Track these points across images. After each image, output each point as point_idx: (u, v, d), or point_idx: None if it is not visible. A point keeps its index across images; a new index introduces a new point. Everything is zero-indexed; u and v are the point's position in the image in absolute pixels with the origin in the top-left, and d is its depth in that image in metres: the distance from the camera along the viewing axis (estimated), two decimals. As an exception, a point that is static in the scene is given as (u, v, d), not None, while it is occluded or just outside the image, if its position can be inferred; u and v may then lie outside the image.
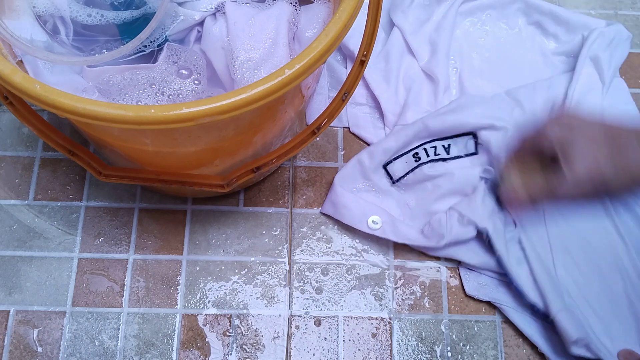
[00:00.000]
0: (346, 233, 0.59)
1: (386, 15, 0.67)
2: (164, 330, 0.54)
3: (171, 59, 0.48)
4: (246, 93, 0.36)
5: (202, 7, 0.49)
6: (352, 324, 0.55)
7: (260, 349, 0.54)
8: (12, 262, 0.56)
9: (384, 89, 0.63)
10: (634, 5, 0.72)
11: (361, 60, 0.45)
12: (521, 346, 0.55)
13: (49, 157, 0.61)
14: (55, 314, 0.55)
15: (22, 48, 0.43)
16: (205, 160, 0.47)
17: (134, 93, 0.46)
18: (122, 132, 0.41)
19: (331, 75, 0.65)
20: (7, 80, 0.36)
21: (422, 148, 0.58)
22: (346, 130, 0.64)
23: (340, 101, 0.46)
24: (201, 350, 0.54)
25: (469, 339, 0.55)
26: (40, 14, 0.48)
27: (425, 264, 0.58)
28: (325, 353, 0.54)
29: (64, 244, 0.57)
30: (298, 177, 0.61)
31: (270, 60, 0.47)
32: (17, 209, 0.58)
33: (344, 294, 0.56)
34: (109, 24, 0.49)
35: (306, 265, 0.57)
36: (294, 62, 0.37)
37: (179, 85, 0.47)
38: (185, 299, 0.56)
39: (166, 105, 0.35)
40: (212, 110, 0.35)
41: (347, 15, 0.39)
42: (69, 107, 0.35)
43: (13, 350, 0.53)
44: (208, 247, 0.58)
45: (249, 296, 0.56)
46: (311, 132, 0.45)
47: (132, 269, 0.57)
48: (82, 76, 0.46)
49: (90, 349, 0.53)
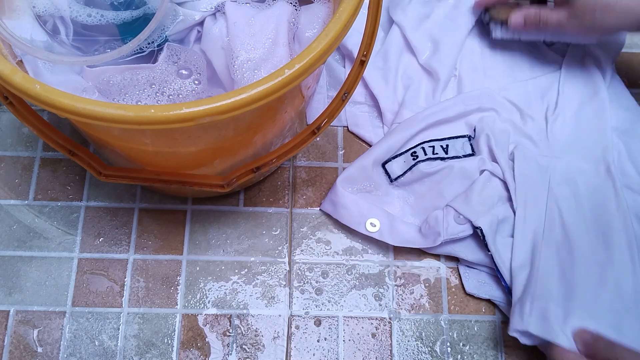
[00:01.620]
0: (346, 233, 0.59)
1: (385, 14, 0.67)
2: (164, 330, 0.54)
3: (171, 59, 0.48)
4: (246, 93, 0.36)
5: (202, 7, 0.49)
6: (352, 324, 0.55)
7: (260, 349, 0.54)
8: (12, 262, 0.56)
9: (382, 87, 0.63)
10: (633, 5, 0.72)
11: (361, 60, 0.45)
12: (521, 346, 0.55)
13: (49, 157, 0.61)
14: (55, 314, 0.55)
15: (22, 48, 0.43)
16: (205, 160, 0.47)
17: (134, 93, 0.46)
18: (122, 132, 0.41)
19: (330, 74, 0.65)
20: (7, 80, 0.36)
21: (420, 147, 0.58)
22: (346, 130, 0.64)
23: (340, 101, 0.46)
24: (201, 350, 0.54)
25: (469, 339, 0.55)
26: (40, 14, 0.48)
27: (425, 264, 0.58)
28: (325, 353, 0.54)
29: (64, 244, 0.57)
30: (298, 177, 0.61)
31: (270, 60, 0.47)
32: (17, 209, 0.58)
33: (344, 294, 0.56)
34: (109, 24, 0.49)
35: (306, 265, 0.57)
36: (294, 62, 0.37)
37: (179, 85, 0.47)
38: (185, 299, 0.56)
39: (166, 105, 0.35)
40: (212, 110, 0.35)
41: (347, 15, 0.39)
42: (69, 107, 0.35)
43: (13, 350, 0.53)
44: (208, 247, 0.58)
45: (249, 296, 0.56)
46: (311, 132, 0.45)
47: (132, 269, 0.57)
48: (82, 76, 0.46)
49: (90, 349, 0.53)
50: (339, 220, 0.58)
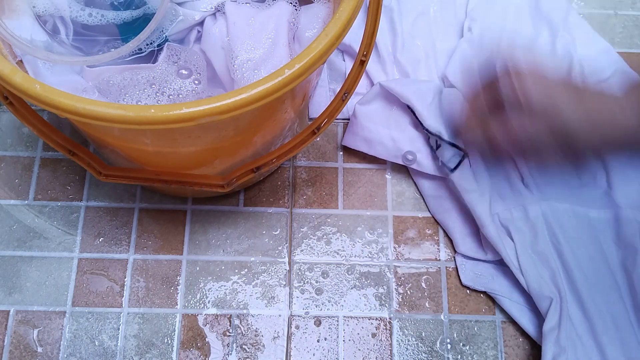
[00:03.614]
0: (346, 233, 0.59)
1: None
2: (164, 330, 0.54)
3: (171, 59, 0.48)
4: (246, 93, 0.36)
5: (202, 7, 0.49)
6: (352, 324, 0.55)
7: (260, 349, 0.54)
8: (12, 262, 0.56)
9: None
10: (634, 5, 0.72)
11: (361, 60, 0.45)
12: (521, 346, 0.55)
13: (49, 157, 0.61)
14: (55, 314, 0.55)
15: (22, 48, 0.43)
16: (205, 160, 0.47)
17: (134, 93, 0.46)
18: (122, 132, 0.41)
19: (330, 67, 0.65)
20: (7, 80, 0.36)
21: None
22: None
23: (341, 101, 0.46)
24: (201, 350, 0.54)
25: (469, 338, 0.55)
26: (40, 14, 0.48)
27: (425, 264, 0.58)
28: (325, 353, 0.54)
29: (64, 244, 0.57)
30: (298, 177, 0.61)
31: (270, 60, 0.47)
32: (17, 209, 0.58)
33: (344, 294, 0.56)
34: (109, 24, 0.49)
35: (306, 265, 0.57)
36: (294, 62, 0.37)
37: (179, 85, 0.47)
38: (185, 299, 0.56)
39: (166, 105, 0.35)
40: (212, 110, 0.35)
41: (347, 15, 0.39)
42: (69, 107, 0.35)
43: (13, 350, 0.53)
44: (208, 247, 0.58)
45: (249, 296, 0.56)
46: (311, 132, 0.45)
47: (132, 269, 0.57)
48: (82, 76, 0.46)
49: (90, 349, 0.53)
50: (376, 155, 0.60)
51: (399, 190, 0.61)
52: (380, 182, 0.61)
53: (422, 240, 0.59)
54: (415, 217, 0.60)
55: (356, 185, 0.61)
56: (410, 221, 0.60)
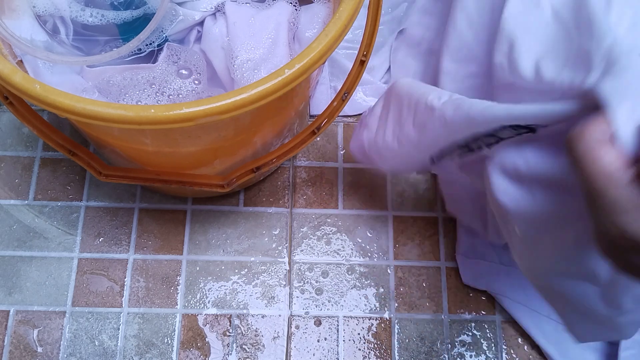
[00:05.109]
0: (346, 233, 0.59)
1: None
2: (164, 330, 0.54)
3: (171, 59, 0.48)
4: (246, 93, 0.36)
5: (202, 7, 0.49)
6: (352, 324, 0.55)
7: (260, 349, 0.54)
8: (12, 262, 0.56)
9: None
10: (634, 5, 0.72)
11: (361, 60, 0.45)
12: (521, 346, 0.55)
13: (49, 157, 0.61)
14: (55, 314, 0.55)
15: (22, 48, 0.43)
16: (205, 160, 0.47)
17: (134, 93, 0.46)
18: (122, 132, 0.41)
19: (331, 64, 0.65)
20: (7, 80, 0.36)
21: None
22: (346, 130, 0.64)
23: (341, 101, 0.46)
24: (201, 350, 0.54)
25: (469, 338, 0.55)
26: (40, 14, 0.48)
27: (425, 264, 0.58)
28: (325, 353, 0.54)
29: (64, 244, 0.57)
30: (298, 177, 0.61)
31: (270, 60, 0.47)
32: (17, 209, 0.58)
33: (344, 293, 0.56)
34: (109, 24, 0.49)
35: (306, 265, 0.57)
36: (294, 62, 0.37)
37: (179, 85, 0.47)
38: (185, 299, 0.56)
39: (166, 105, 0.35)
40: (212, 110, 0.35)
41: (347, 15, 0.39)
42: (69, 107, 0.35)
43: (13, 350, 0.53)
44: (208, 247, 0.58)
45: (249, 296, 0.56)
46: (311, 132, 0.45)
47: (132, 269, 0.57)
48: (82, 76, 0.46)
49: (90, 349, 0.53)
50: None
51: (399, 190, 0.61)
52: (380, 182, 0.61)
53: (422, 240, 0.59)
54: (416, 217, 0.60)
55: (356, 185, 0.61)
56: (410, 221, 0.60)
